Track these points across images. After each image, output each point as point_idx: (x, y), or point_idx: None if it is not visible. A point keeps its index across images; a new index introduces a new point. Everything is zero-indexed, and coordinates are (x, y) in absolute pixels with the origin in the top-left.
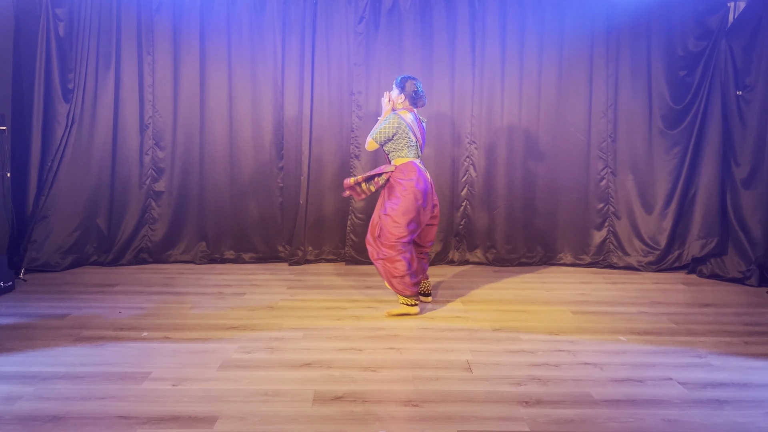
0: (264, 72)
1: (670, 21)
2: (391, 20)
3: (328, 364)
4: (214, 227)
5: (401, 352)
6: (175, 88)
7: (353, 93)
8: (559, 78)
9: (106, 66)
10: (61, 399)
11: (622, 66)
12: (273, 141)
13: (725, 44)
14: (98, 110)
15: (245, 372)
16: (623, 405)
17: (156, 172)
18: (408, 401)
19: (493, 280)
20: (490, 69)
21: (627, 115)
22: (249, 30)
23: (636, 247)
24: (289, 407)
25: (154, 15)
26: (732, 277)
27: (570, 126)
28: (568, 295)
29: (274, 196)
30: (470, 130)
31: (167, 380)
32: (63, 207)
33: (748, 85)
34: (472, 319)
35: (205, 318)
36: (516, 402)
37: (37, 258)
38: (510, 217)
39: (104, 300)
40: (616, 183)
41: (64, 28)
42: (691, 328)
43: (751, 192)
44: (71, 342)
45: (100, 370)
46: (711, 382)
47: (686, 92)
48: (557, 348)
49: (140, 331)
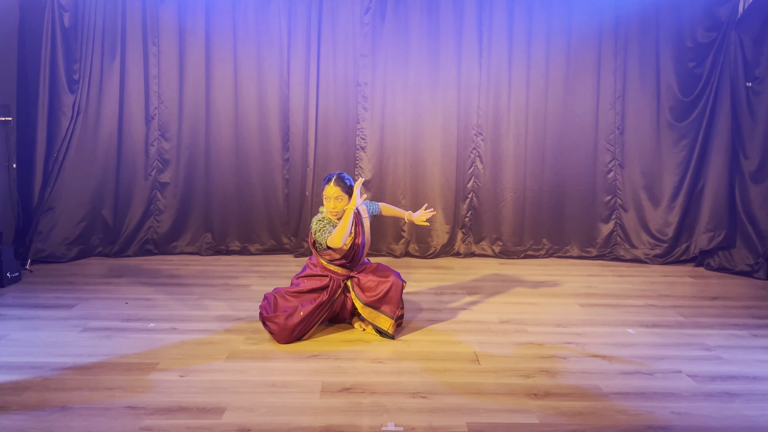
0: (270, 63)
1: (680, 12)
2: (397, 11)
3: (335, 355)
4: (220, 219)
5: (409, 344)
6: (181, 79)
7: (359, 84)
8: (567, 70)
9: (112, 57)
10: (68, 389)
11: (631, 58)
12: (279, 132)
13: (735, 35)
14: (103, 101)
15: (252, 363)
16: (632, 398)
17: (161, 163)
18: (416, 393)
19: (500, 273)
20: (497, 60)
21: (635, 107)
22: (254, 21)
23: (643, 240)
24: (297, 398)
25: (159, 5)
26: (740, 270)
27: (577, 118)
28: (576, 288)
29: (279, 187)
30: (477, 122)
31: (174, 371)
32: (68, 198)
33: (757, 76)
34: (479, 311)
35: (211, 309)
36: (524, 394)
37: (43, 249)
38: (516, 209)
39: (110, 291)
40: (624, 175)
41: (69, 18)
42: (700, 321)
43: (759, 185)
44: (78, 332)
45: (108, 360)
46: (720, 375)
47: (695, 84)
48: (565, 340)
49: (147, 322)
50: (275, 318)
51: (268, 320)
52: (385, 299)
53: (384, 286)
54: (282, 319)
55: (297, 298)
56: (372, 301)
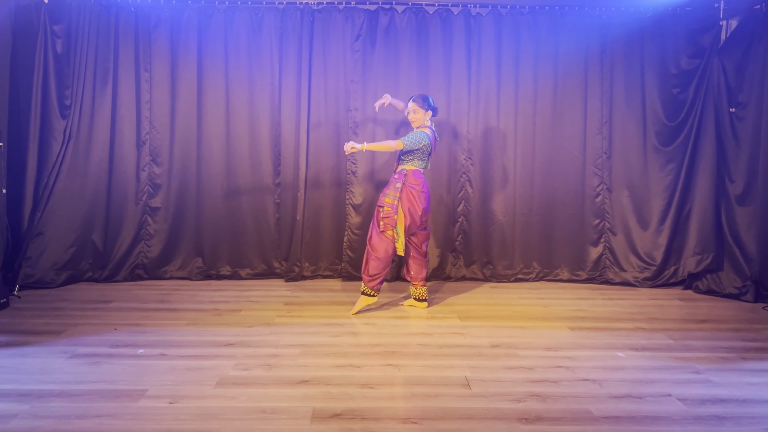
0: (261, 89)
1: (664, 39)
2: (387, 38)
3: (326, 381)
4: (211, 243)
5: (399, 369)
6: (173, 105)
7: (350, 110)
8: (555, 95)
9: (104, 82)
10: (56, 417)
11: (617, 83)
12: (270, 157)
13: (718, 62)
14: (95, 126)
15: (242, 389)
16: (623, 422)
17: (152, 188)
18: (407, 418)
19: (490, 296)
20: (485, 86)
21: (622, 132)
22: (246, 48)
23: (632, 263)
24: (287, 425)
25: (152, 32)
26: (728, 293)
27: (565, 142)
28: (566, 311)
29: (270, 212)
30: (466, 147)
31: (164, 398)
32: (58, 223)
33: (740, 102)
34: (469, 335)
35: (201, 335)
36: (516, 419)
37: (32, 274)
38: (507, 232)
39: (100, 317)
40: (612, 199)
41: (62, 44)
42: (689, 344)
43: (745, 208)
44: (66, 359)
45: (96, 387)
46: (710, 398)
47: (680, 110)
48: (556, 364)
49: (136, 348)
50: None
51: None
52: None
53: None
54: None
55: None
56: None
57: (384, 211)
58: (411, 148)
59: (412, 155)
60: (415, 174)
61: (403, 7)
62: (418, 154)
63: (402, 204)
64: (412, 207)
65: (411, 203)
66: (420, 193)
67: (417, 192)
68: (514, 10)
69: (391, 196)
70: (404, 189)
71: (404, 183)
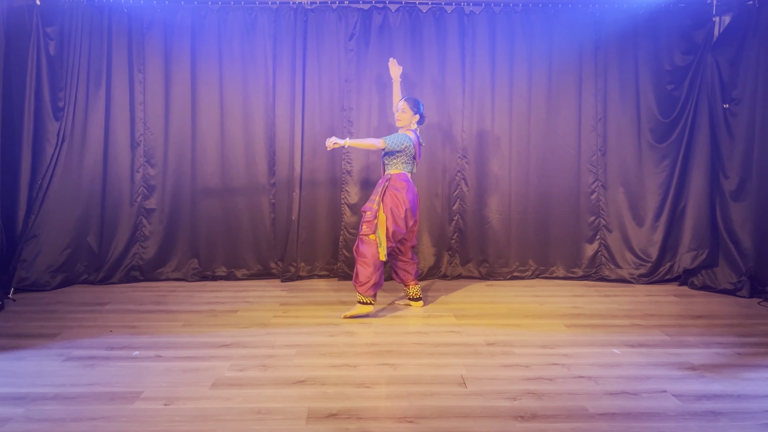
0: (255, 89)
1: (657, 36)
2: (381, 37)
3: (321, 381)
4: (206, 244)
5: (395, 368)
6: (167, 106)
7: (344, 109)
8: (549, 92)
9: (97, 84)
10: (51, 420)
11: (611, 80)
12: (265, 157)
13: (711, 58)
14: (89, 128)
15: (238, 390)
16: (619, 418)
17: (147, 189)
18: (403, 417)
19: (486, 294)
20: (480, 84)
21: (616, 128)
22: (240, 48)
23: (628, 260)
24: (283, 425)
25: (145, 33)
26: (723, 289)
27: (560, 140)
28: (562, 308)
29: (266, 212)
30: (461, 145)
31: (159, 399)
32: (53, 225)
33: (734, 98)
34: (465, 334)
35: (197, 336)
36: (511, 417)
37: (27, 277)
38: (502, 230)
39: (95, 319)
40: (607, 196)
41: (55, 46)
42: (684, 340)
43: (740, 204)
44: (61, 362)
45: (91, 390)
46: (705, 394)
47: (674, 106)
48: (551, 362)
49: (132, 350)
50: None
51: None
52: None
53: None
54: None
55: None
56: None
57: (366, 216)
58: (393, 148)
59: (396, 158)
60: (399, 177)
61: (397, 6)
62: (402, 157)
63: (384, 205)
64: (395, 207)
65: (394, 203)
66: (404, 195)
67: (401, 194)
68: (508, 8)
69: (373, 200)
70: (387, 191)
71: (388, 185)
